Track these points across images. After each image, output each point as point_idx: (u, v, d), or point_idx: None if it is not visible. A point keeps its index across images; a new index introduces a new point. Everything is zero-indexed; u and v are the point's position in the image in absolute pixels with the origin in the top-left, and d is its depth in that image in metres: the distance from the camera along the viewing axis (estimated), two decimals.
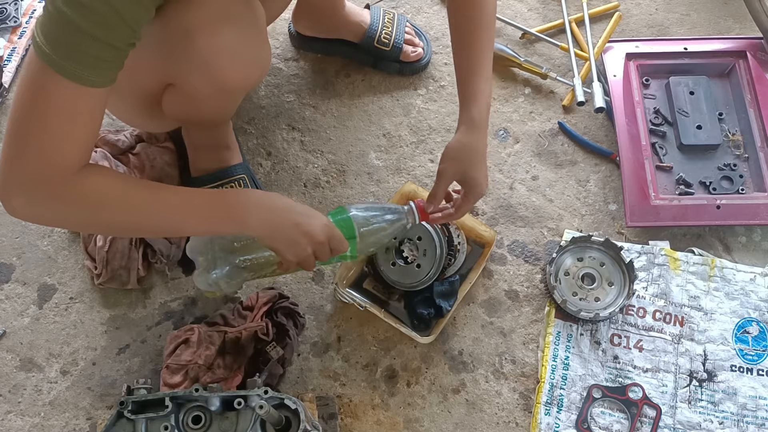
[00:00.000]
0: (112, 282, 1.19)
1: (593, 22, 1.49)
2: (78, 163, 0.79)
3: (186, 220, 0.87)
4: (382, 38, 1.37)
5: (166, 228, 0.91)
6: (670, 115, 1.33)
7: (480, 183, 1.03)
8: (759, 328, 1.16)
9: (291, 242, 0.92)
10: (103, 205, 0.82)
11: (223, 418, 0.89)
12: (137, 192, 0.84)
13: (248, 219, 0.88)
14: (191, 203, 0.87)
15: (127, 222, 0.85)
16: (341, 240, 0.96)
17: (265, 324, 1.11)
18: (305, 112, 1.40)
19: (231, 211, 0.88)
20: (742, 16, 1.49)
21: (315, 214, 0.94)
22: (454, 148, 1.02)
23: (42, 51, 0.71)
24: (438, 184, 1.03)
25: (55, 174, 0.76)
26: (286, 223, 0.91)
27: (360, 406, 1.13)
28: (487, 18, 1.02)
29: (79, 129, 0.77)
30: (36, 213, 0.80)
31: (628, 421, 1.10)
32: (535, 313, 1.20)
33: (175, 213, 0.86)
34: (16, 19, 1.48)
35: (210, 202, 0.88)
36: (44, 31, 0.71)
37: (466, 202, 1.05)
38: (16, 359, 1.17)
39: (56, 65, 0.71)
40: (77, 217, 0.83)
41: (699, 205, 1.23)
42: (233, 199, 0.90)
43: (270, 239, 0.92)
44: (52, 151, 0.75)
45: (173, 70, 0.95)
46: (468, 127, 1.01)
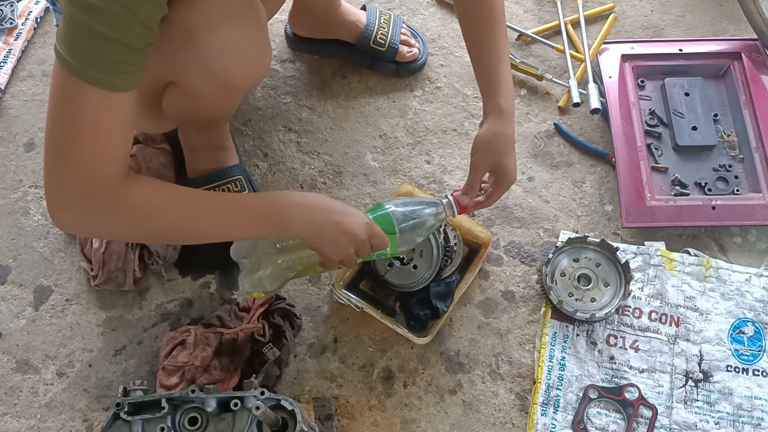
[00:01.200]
0: (109, 283, 1.19)
1: (589, 23, 1.49)
2: (119, 171, 0.79)
3: (230, 225, 0.88)
4: (378, 38, 1.38)
5: (211, 233, 0.91)
6: (666, 116, 1.33)
7: (511, 170, 1.02)
8: (754, 329, 1.17)
9: (332, 242, 0.91)
10: (151, 215, 0.83)
11: (220, 419, 0.89)
12: (182, 199, 0.86)
13: (289, 220, 0.89)
14: (234, 207, 0.88)
15: (174, 229, 0.87)
16: (382, 237, 0.95)
17: (262, 325, 1.11)
18: (302, 113, 1.40)
19: (271, 214, 0.89)
20: (737, 18, 1.50)
21: (354, 212, 0.94)
22: (485, 138, 1.01)
23: (65, 61, 0.71)
24: (473, 175, 1.02)
25: (100, 184, 0.77)
26: (326, 222, 0.91)
27: (357, 407, 1.13)
28: (500, 8, 1.02)
29: (113, 135, 0.78)
30: (85, 226, 0.82)
31: (625, 422, 1.10)
32: (532, 314, 1.20)
33: (219, 218, 0.87)
34: (12, 21, 1.48)
35: (251, 206, 0.89)
36: (65, 41, 0.71)
37: (498, 189, 1.04)
38: (12, 361, 1.17)
39: (81, 74, 0.71)
40: (125, 227, 0.84)
41: (694, 206, 1.24)
42: (274, 201, 0.90)
43: (311, 239, 0.92)
44: (92, 161, 0.76)
45: (175, 69, 0.96)
46: (497, 115, 1.01)
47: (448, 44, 1.48)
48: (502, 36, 1.03)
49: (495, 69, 1.02)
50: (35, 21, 1.51)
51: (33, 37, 1.50)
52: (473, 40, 1.04)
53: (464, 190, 1.03)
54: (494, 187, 1.04)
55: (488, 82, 1.02)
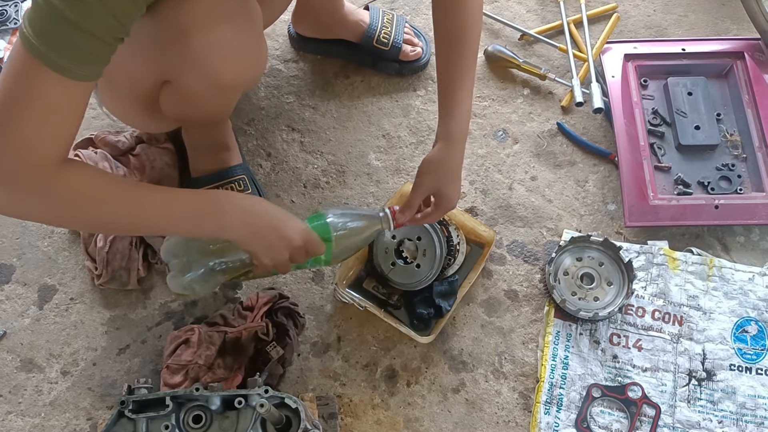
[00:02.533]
0: (113, 282, 1.19)
1: (591, 23, 1.49)
2: (59, 157, 0.78)
3: (165, 219, 0.87)
4: (381, 38, 1.38)
5: (145, 226, 0.90)
6: (669, 116, 1.33)
7: (451, 198, 1.05)
8: (758, 328, 1.17)
9: (268, 246, 0.92)
10: (83, 201, 0.81)
11: (224, 417, 0.89)
12: (118, 189, 0.84)
13: (227, 221, 0.89)
14: (171, 202, 0.87)
15: (106, 218, 0.85)
16: (318, 244, 0.97)
17: (266, 324, 1.11)
18: (305, 113, 1.40)
19: (210, 213, 0.88)
20: (740, 18, 1.49)
21: (293, 218, 0.95)
22: (430, 163, 1.03)
23: (29, 42, 0.70)
24: (413, 195, 1.04)
25: (34, 166, 0.76)
26: (264, 226, 0.92)
27: (360, 405, 1.13)
28: (471, 32, 1.02)
29: (61, 122, 0.76)
30: (15, 206, 0.80)
31: (628, 420, 1.10)
32: (535, 313, 1.20)
33: (154, 211, 0.86)
34: (16, 21, 1.49)
35: (189, 203, 0.88)
36: (32, 22, 0.70)
37: (434, 213, 1.06)
38: (16, 360, 1.17)
39: (43, 57, 0.70)
40: (55, 211, 0.82)
41: (697, 205, 1.24)
42: (213, 200, 0.90)
43: (247, 242, 0.92)
44: (33, 142, 0.75)
45: (169, 68, 0.96)
46: (446, 142, 1.02)
47: None
48: (467, 60, 1.02)
49: (452, 94, 1.02)
50: None
51: None
52: (439, 61, 1.05)
53: (402, 208, 1.04)
54: (432, 210, 1.06)
55: (444, 106, 1.03)
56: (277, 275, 1.17)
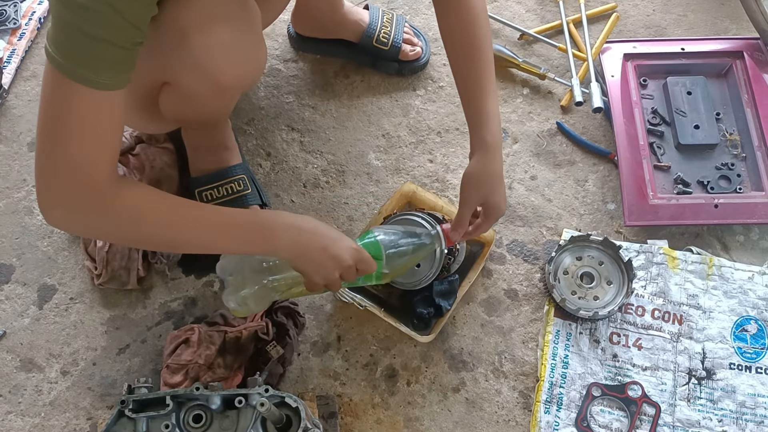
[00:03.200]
0: (112, 282, 1.19)
1: (591, 23, 1.49)
2: (110, 169, 0.80)
3: (218, 238, 0.88)
4: (381, 37, 1.38)
5: (198, 244, 0.91)
6: (668, 115, 1.34)
7: (500, 206, 1.04)
8: (757, 326, 1.17)
9: (318, 265, 0.92)
10: (139, 219, 0.83)
11: (224, 416, 0.89)
12: (172, 207, 0.86)
13: (277, 241, 0.89)
14: (223, 221, 0.88)
15: (161, 236, 0.86)
16: (370, 262, 0.96)
17: (265, 323, 1.11)
18: (304, 112, 1.40)
19: (260, 232, 0.89)
20: (739, 17, 1.50)
21: (343, 237, 0.95)
22: (473, 176, 1.02)
23: (55, 60, 0.72)
24: (462, 211, 1.03)
25: (89, 183, 0.78)
26: (314, 246, 0.91)
27: (360, 405, 1.13)
28: (483, 38, 1.01)
29: (102, 134, 0.78)
30: (75, 224, 0.82)
31: (628, 419, 1.10)
32: (535, 312, 1.20)
33: (207, 230, 0.87)
34: (16, 21, 1.49)
35: (241, 222, 0.89)
36: (53, 40, 0.72)
37: (486, 223, 1.05)
38: (16, 360, 1.17)
39: (70, 73, 0.72)
40: (113, 228, 0.84)
41: (697, 204, 1.24)
42: (264, 220, 0.91)
43: (298, 261, 0.92)
44: (82, 159, 0.77)
45: (168, 69, 0.96)
46: (483, 151, 1.01)
47: None
48: (487, 67, 1.02)
49: (481, 103, 1.01)
50: (39, 21, 1.52)
51: (36, 37, 1.51)
52: (459, 73, 1.04)
53: (454, 225, 1.04)
54: (483, 221, 1.05)
55: (474, 116, 1.02)
56: (328, 292, 1.17)
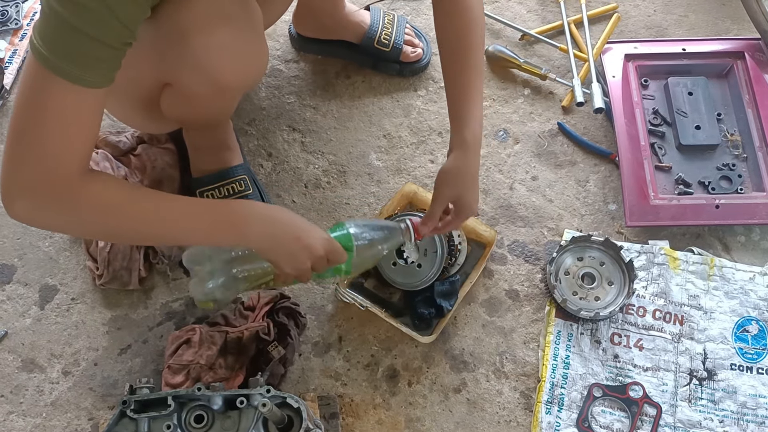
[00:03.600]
0: (114, 282, 1.19)
1: (592, 23, 1.49)
2: (80, 166, 0.79)
3: (188, 229, 0.87)
4: (382, 39, 1.38)
5: (168, 236, 0.91)
6: (669, 116, 1.34)
7: (471, 205, 1.04)
8: (758, 327, 1.17)
9: (290, 255, 0.92)
10: (107, 212, 0.82)
11: (226, 417, 0.90)
12: (141, 199, 0.85)
13: (248, 231, 0.89)
14: (194, 212, 0.87)
15: (129, 229, 0.85)
16: (340, 253, 0.96)
17: (267, 324, 1.11)
18: (306, 113, 1.40)
19: (232, 223, 0.88)
20: (740, 17, 1.50)
21: (314, 228, 0.95)
22: (448, 173, 1.02)
23: (40, 53, 0.71)
24: (433, 206, 1.03)
25: (58, 177, 0.76)
26: (286, 236, 0.91)
27: (361, 405, 1.13)
28: (475, 36, 1.02)
29: (79, 131, 0.77)
30: (39, 217, 0.80)
31: (629, 420, 1.10)
32: (536, 313, 1.20)
33: (177, 221, 0.86)
34: (17, 21, 1.49)
35: (212, 213, 0.88)
36: (41, 33, 0.71)
37: (455, 221, 1.06)
38: (17, 360, 1.17)
39: (54, 67, 0.71)
40: (80, 222, 0.83)
41: (698, 205, 1.24)
42: (235, 210, 0.90)
43: (269, 252, 0.92)
44: (54, 153, 0.75)
45: (169, 70, 0.96)
46: (462, 150, 1.01)
47: None
48: (475, 70, 1.02)
49: (464, 103, 1.02)
50: None
51: None
52: (447, 73, 1.04)
53: (424, 219, 1.04)
54: (453, 218, 1.06)
55: (456, 116, 1.03)
56: (297, 284, 1.17)
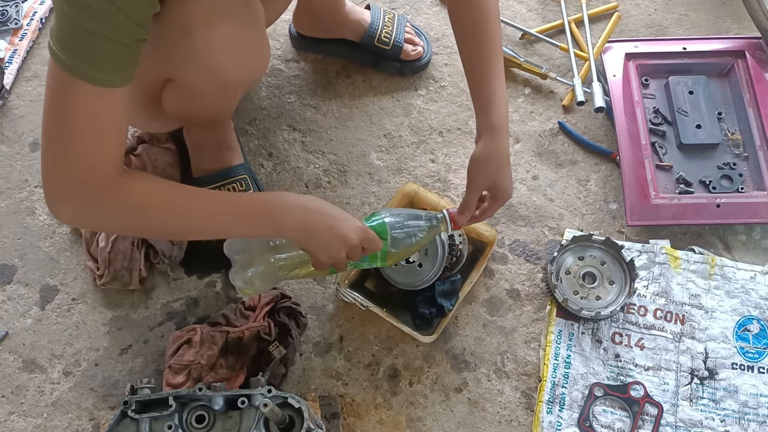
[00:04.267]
0: (115, 283, 1.19)
1: (592, 22, 1.49)
2: (115, 165, 0.80)
3: (225, 223, 0.90)
4: (383, 37, 1.38)
5: (206, 230, 0.93)
6: (670, 115, 1.34)
7: (507, 188, 1.03)
8: (760, 326, 1.17)
9: (324, 244, 0.92)
10: (147, 210, 0.84)
11: (227, 417, 0.90)
12: (178, 195, 0.87)
13: (283, 221, 0.90)
14: (229, 205, 0.89)
15: (169, 224, 0.88)
16: (376, 241, 0.96)
17: (268, 324, 1.11)
18: (306, 112, 1.40)
19: (267, 213, 0.90)
20: (741, 16, 1.50)
21: (349, 217, 0.95)
22: (480, 159, 1.01)
23: (58, 57, 0.72)
24: (469, 195, 1.02)
25: (96, 180, 0.79)
26: (320, 225, 0.91)
27: (362, 405, 1.13)
28: (494, 21, 1.01)
29: (108, 130, 0.78)
30: (82, 218, 0.84)
31: (630, 419, 1.10)
32: (537, 312, 1.20)
33: (214, 215, 0.88)
34: (17, 21, 1.49)
35: (248, 205, 0.90)
36: (57, 37, 0.72)
37: (492, 207, 1.04)
38: (18, 360, 1.17)
39: (75, 71, 0.72)
40: (122, 221, 0.85)
41: (699, 204, 1.24)
42: (270, 201, 0.91)
43: (304, 241, 0.93)
44: (87, 156, 0.77)
45: (171, 66, 0.96)
46: (491, 134, 1.00)
47: (452, 43, 1.48)
48: (496, 52, 1.01)
49: (488, 86, 1.01)
50: (40, 21, 1.51)
51: (38, 37, 1.51)
52: (466, 57, 1.03)
53: (461, 209, 1.03)
54: (490, 204, 1.04)
55: (481, 100, 1.02)
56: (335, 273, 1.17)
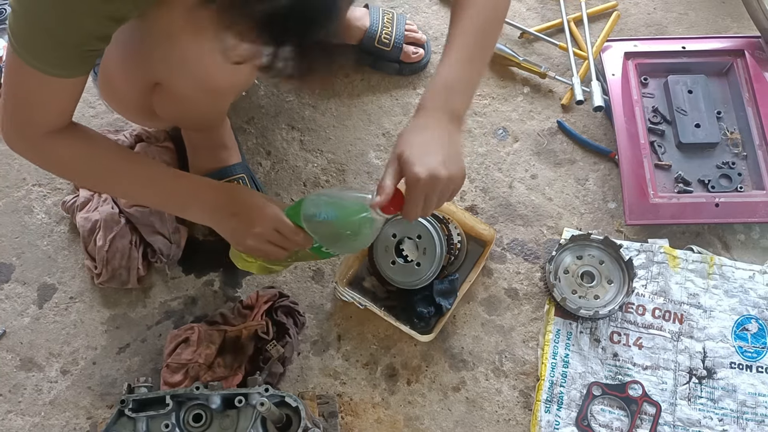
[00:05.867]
0: (112, 281, 1.19)
1: (592, 21, 1.49)
2: (49, 129, 0.87)
3: (140, 193, 0.99)
4: (383, 38, 1.37)
5: (124, 195, 1.08)
6: (669, 114, 1.33)
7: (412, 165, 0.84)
8: (758, 326, 1.17)
9: (230, 230, 0.97)
10: (70, 167, 0.94)
11: (224, 416, 0.89)
12: (101, 159, 0.93)
13: (189, 206, 0.98)
14: (146, 178, 0.96)
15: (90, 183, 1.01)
16: (291, 231, 0.94)
17: (266, 323, 1.11)
18: (304, 111, 1.40)
19: (176, 196, 0.97)
20: (740, 15, 1.49)
21: (264, 205, 0.96)
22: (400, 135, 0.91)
23: (12, 44, 0.77)
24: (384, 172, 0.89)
25: (30, 135, 0.88)
26: (223, 212, 0.96)
27: (360, 404, 1.13)
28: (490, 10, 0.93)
29: (47, 103, 0.84)
30: (27, 158, 0.92)
31: (628, 419, 1.10)
32: (535, 311, 1.20)
33: (130, 184, 0.97)
34: None
35: (162, 184, 0.97)
36: (11, 27, 0.77)
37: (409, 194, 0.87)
38: (16, 359, 1.17)
39: (20, 56, 0.77)
40: (53, 170, 0.97)
41: (698, 203, 1.24)
42: (182, 191, 0.97)
43: (213, 226, 0.99)
44: (28, 117, 0.86)
45: (158, 71, 0.96)
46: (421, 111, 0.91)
47: None
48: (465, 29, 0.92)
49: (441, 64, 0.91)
50: None
51: None
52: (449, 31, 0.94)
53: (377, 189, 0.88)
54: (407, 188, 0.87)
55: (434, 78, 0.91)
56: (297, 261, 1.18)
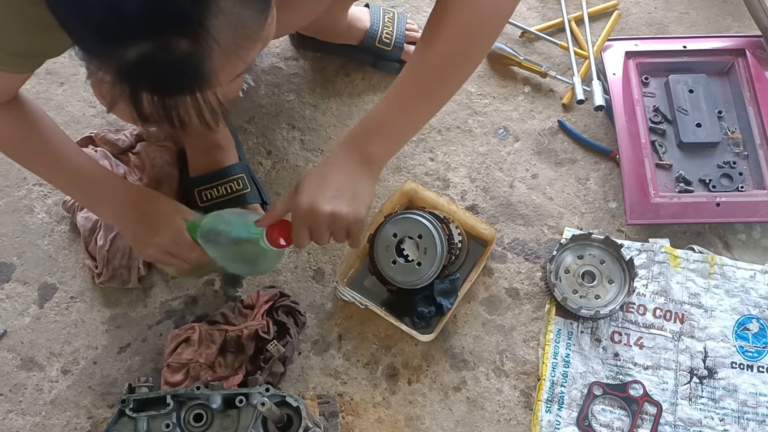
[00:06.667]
0: (113, 281, 1.19)
1: (592, 20, 1.49)
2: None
3: (55, 180, 1.02)
4: (384, 38, 1.37)
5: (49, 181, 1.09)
6: (670, 113, 1.33)
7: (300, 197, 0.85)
8: (759, 325, 1.17)
9: (133, 236, 1.01)
10: None
11: (225, 416, 0.90)
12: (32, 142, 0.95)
13: (98, 203, 1.02)
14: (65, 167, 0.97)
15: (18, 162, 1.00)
16: (187, 245, 0.99)
17: (266, 322, 1.11)
18: (305, 111, 1.40)
19: (88, 189, 1.00)
20: (741, 15, 1.49)
21: (171, 216, 0.99)
22: None
23: None
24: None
25: None
26: (129, 217, 0.99)
27: (361, 404, 1.13)
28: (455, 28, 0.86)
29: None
30: None
31: (629, 418, 1.10)
32: (536, 311, 1.20)
33: (47, 170, 0.99)
34: None
35: (79, 174, 0.98)
36: None
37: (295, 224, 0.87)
38: (17, 358, 1.17)
39: None
40: None
41: (699, 203, 1.23)
42: (98, 181, 1.00)
43: (119, 230, 1.04)
44: None
45: None
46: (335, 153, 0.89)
47: None
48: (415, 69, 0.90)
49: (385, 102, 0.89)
50: None
51: None
52: None
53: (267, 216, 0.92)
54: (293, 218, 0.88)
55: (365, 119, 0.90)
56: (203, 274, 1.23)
